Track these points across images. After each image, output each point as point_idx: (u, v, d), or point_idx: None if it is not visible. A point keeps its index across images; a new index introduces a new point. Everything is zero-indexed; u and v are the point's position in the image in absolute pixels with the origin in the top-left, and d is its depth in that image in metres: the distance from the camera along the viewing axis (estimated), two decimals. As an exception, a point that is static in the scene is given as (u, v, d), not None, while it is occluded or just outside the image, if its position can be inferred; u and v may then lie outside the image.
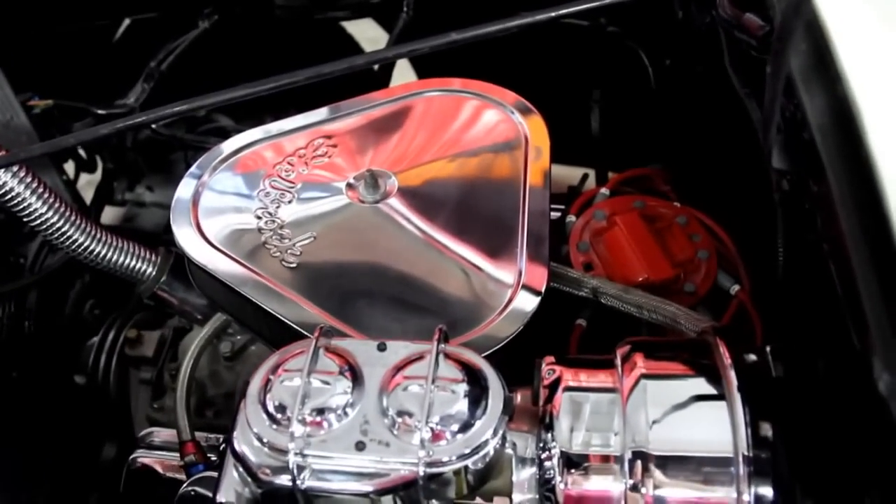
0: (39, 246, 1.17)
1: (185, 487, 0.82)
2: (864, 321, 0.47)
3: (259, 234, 0.86)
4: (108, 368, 1.09)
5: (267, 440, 0.60)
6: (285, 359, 0.63)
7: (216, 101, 0.75)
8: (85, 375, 1.11)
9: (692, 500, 0.58)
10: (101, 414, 1.11)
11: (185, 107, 0.74)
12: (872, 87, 0.51)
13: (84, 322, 1.21)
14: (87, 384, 1.11)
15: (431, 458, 0.57)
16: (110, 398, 1.10)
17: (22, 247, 1.15)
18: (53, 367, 1.13)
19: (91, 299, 1.23)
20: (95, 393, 1.10)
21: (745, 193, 0.87)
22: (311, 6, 1.27)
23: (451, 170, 0.91)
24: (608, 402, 0.62)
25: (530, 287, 0.79)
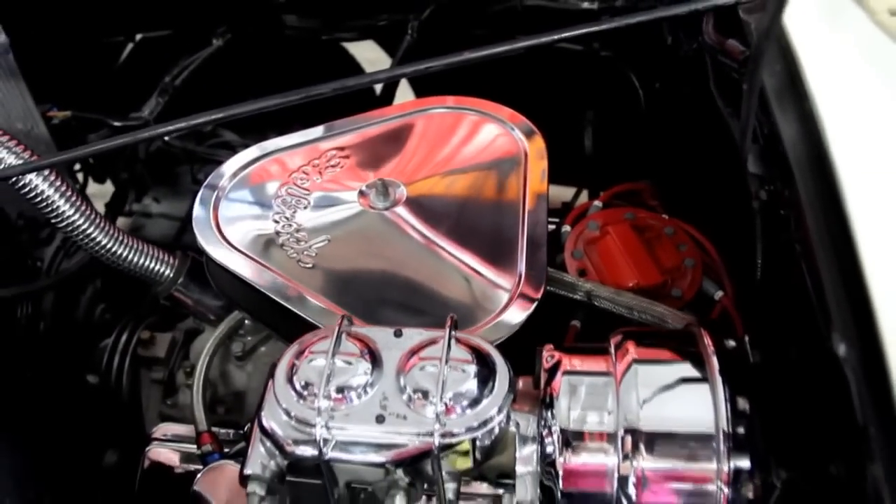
0: (55, 250, 1.24)
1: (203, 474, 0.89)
2: (826, 306, 0.56)
3: (277, 236, 0.94)
4: (121, 368, 1.16)
5: (295, 414, 0.67)
6: (310, 343, 0.71)
7: (224, 115, 0.81)
8: (98, 375, 1.17)
9: (678, 471, 0.66)
10: (113, 412, 1.17)
11: (194, 122, 0.81)
12: (835, 105, 0.60)
13: (95, 326, 1.27)
14: (99, 384, 1.18)
15: (445, 430, 0.65)
16: (122, 397, 1.16)
17: (39, 251, 1.22)
18: (66, 368, 1.19)
19: (102, 304, 1.30)
20: (107, 392, 1.17)
21: (727, 206, 0.95)
22: (320, 27, 1.36)
23: (455, 181, 0.99)
24: (603, 384, 0.70)
25: (529, 289, 0.87)
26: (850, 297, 0.52)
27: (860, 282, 0.52)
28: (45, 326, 1.20)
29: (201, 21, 1.34)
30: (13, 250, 1.17)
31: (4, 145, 0.95)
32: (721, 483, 0.65)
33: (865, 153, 0.57)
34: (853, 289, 0.52)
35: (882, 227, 0.52)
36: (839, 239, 0.55)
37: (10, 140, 0.96)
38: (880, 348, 0.49)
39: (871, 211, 0.53)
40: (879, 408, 0.51)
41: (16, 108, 1.21)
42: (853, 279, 0.52)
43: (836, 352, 0.51)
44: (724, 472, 0.65)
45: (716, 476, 0.65)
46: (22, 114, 1.22)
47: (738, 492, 0.65)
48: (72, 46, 1.34)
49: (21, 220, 1.20)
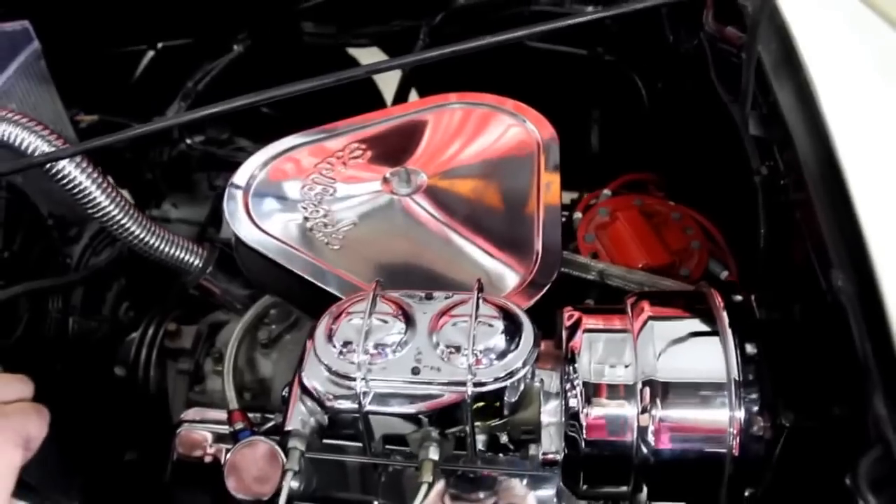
0: (83, 248, 1.30)
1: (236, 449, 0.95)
2: (826, 257, 0.62)
3: (305, 221, 1.01)
4: (148, 360, 1.22)
5: (335, 369, 0.74)
6: (348, 305, 0.78)
7: (229, 108, 0.86)
8: (125, 367, 1.24)
9: (693, 418, 0.73)
10: (140, 402, 1.23)
11: (201, 113, 0.87)
12: (826, 75, 0.68)
13: (120, 322, 1.34)
14: (126, 375, 1.24)
15: (476, 379, 0.72)
16: (149, 387, 1.22)
17: (68, 248, 1.28)
18: (94, 360, 1.25)
19: (126, 302, 1.36)
20: (134, 383, 1.23)
21: (730, 190, 1.03)
22: (336, 34, 1.45)
23: (473, 169, 1.07)
24: (621, 340, 0.76)
25: (546, 265, 0.94)
26: (846, 236, 0.59)
27: (854, 223, 0.58)
28: (74, 320, 1.26)
29: (222, 28, 1.42)
30: (44, 247, 1.23)
31: (38, 134, 1.02)
32: (733, 428, 0.71)
33: (855, 114, 0.64)
34: (848, 229, 0.59)
35: (871, 173, 0.60)
36: (834, 188, 0.62)
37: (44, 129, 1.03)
38: (874, 278, 0.55)
39: (862, 161, 0.61)
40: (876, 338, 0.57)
41: (47, 112, 1.28)
42: (848, 221, 0.59)
43: (835, 283, 0.58)
44: (735, 418, 0.71)
45: (728, 421, 0.72)
46: (52, 117, 1.29)
47: (749, 435, 0.71)
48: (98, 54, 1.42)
49: (51, 219, 1.27)
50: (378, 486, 0.95)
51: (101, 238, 1.32)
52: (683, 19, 1.14)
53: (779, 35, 0.72)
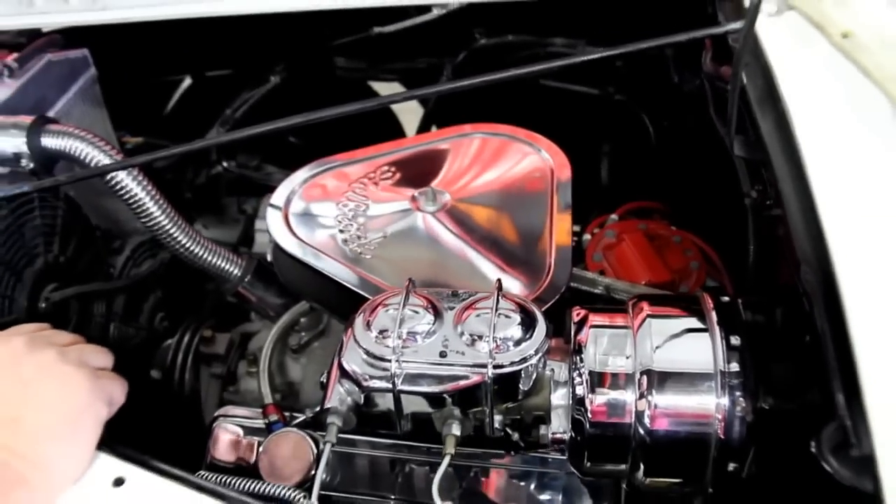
0: (125, 260, 1.44)
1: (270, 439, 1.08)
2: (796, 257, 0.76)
3: (340, 233, 1.15)
4: (184, 363, 1.35)
5: (372, 352, 0.87)
6: (384, 298, 0.91)
7: (262, 130, 1.00)
8: (161, 370, 1.37)
9: (684, 403, 0.85)
10: (174, 403, 1.35)
11: (225, 139, 1.01)
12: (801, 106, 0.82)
13: (155, 330, 1.47)
14: (162, 378, 1.37)
15: (495, 362, 0.85)
16: (184, 390, 1.35)
17: (111, 259, 1.42)
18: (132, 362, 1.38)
19: (161, 312, 1.49)
20: (170, 385, 1.35)
21: (727, 215, 1.17)
22: (366, 69, 1.61)
23: (492, 191, 1.21)
24: (622, 335, 0.89)
25: (557, 278, 1.07)
26: (811, 238, 0.72)
27: (818, 228, 0.72)
28: (115, 325, 1.40)
29: (261, 60, 1.59)
30: (92, 256, 1.37)
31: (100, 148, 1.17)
32: (719, 412, 0.84)
33: (824, 141, 0.78)
34: (814, 232, 0.73)
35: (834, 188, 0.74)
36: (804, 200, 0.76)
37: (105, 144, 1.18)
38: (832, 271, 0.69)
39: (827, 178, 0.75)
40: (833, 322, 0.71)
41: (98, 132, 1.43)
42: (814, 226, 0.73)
43: (803, 276, 0.72)
44: (721, 403, 0.84)
45: (715, 406, 0.84)
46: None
47: (733, 418, 0.84)
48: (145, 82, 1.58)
49: (98, 231, 1.42)
50: (395, 484, 1.09)
51: (142, 251, 1.46)
52: (687, 61, 1.29)
53: (763, 72, 0.87)
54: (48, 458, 0.77)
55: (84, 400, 0.81)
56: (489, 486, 1.08)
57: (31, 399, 0.79)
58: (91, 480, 0.79)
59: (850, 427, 0.65)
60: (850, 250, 0.70)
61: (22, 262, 1.21)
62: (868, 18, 0.87)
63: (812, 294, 0.72)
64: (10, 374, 0.80)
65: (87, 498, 0.78)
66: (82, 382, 0.82)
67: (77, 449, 0.80)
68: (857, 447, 0.65)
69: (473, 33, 1.59)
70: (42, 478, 0.76)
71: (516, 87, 1.63)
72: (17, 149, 1.17)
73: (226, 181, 1.68)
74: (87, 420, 0.81)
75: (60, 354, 0.84)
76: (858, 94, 0.81)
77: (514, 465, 1.05)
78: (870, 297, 0.68)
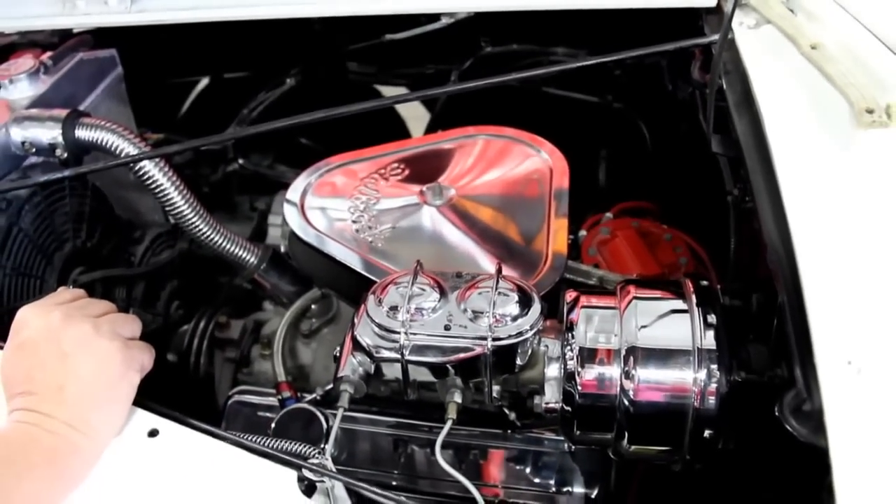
0: (145, 249, 1.56)
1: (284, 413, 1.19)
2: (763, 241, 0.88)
3: (352, 224, 1.27)
4: (199, 348, 1.47)
5: (383, 324, 0.99)
6: (395, 277, 1.03)
7: (275, 126, 1.12)
8: (177, 354, 1.48)
9: (664, 377, 0.96)
10: (189, 385, 1.47)
11: (239, 134, 1.13)
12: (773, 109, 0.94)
13: (171, 317, 1.59)
14: (178, 361, 1.48)
15: (494, 335, 0.96)
16: (199, 373, 1.46)
17: (132, 248, 1.54)
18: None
19: (177, 301, 1.61)
20: (185, 368, 1.47)
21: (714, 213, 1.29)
22: (377, 74, 1.73)
23: (495, 187, 1.33)
24: (611, 314, 1.00)
25: (554, 266, 1.19)
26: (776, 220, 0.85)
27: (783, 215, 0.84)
28: (134, 310, 1.51)
29: (277, 64, 1.71)
30: (115, 244, 1.49)
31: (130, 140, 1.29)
32: (696, 385, 0.95)
33: (790, 137, 0.91)
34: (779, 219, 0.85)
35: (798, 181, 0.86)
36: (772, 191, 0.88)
37: (135, 137, 1.31)
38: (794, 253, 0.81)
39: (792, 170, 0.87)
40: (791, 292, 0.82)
41: (123, 128, 1.56)
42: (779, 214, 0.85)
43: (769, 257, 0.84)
44: (698, 377, 0.95)
45: (692, 380, 0.95)
46: (127, 134, 1.57)
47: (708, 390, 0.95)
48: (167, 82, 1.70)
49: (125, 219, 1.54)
50: (398, 463, 1.20)
51: (161, 242, 1.58)
52: (680, 71, 1.42)
53: (741, 79, 0.99)
54: (92, 424, 0.87)
55: (118, 370, 0.92)
56: (487, 466, 1.20)
57: (72, 370, 0.89)
58: (129, 432, 0.90)
59: (803, 384, 0.77)
60: (808, 234, 0.82)
61: (52, 246, 1.34)
62: (836, 32, 0.99)
63: (775, 272, 0.84)
64: (51, 347, 0.90)
65: (126, 447, 0.89)
66: (115, 354, 0.93)
67: (114, 414, 0.91)
68: (808, 402, 0.77)
69: (480, 41, 1.72)
70: (88, 442, 0.86)
71: (521, 94, 1.76)
72: (53, 140, 1.29)
73: (239, 179, 1.80)
74: (122, 387, 0.92)
75: (95, 328, 0.94)
76: (823, 99, 0.93)
77: (512, 444, 1.17)
78: (823, 273, 0.80)
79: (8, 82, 1.37)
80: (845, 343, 0.76)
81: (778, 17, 1.02)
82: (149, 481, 0.85)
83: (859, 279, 0.80)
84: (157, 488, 0.84)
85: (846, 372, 0.74)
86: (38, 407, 0.85)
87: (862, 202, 0.84)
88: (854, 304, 0.78)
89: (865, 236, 0.82)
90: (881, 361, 0.75)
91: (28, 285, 1.28)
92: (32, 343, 0.90)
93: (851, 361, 0.75)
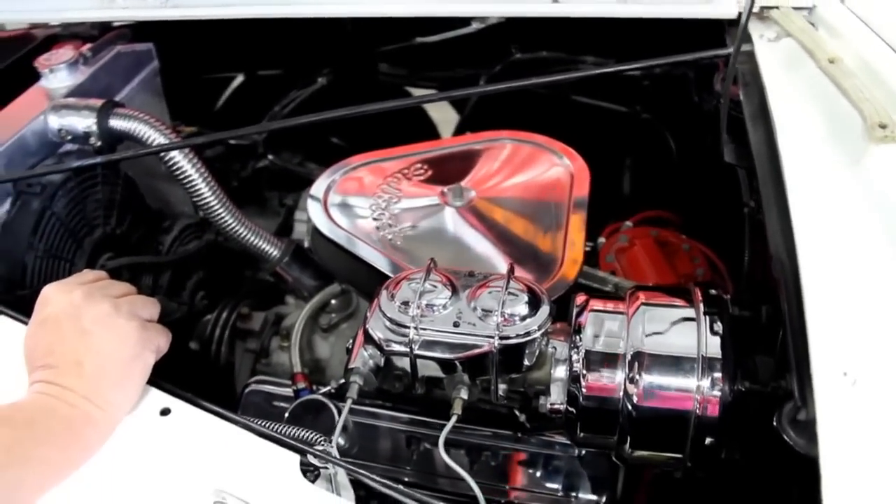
0: (173, 239, 1.60)
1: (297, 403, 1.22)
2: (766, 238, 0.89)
3: (374, 221, 1.30)
4: (221, 337, 1.51)
5: (394, 318, 1.01)
6: (408, 274, 1.06)
7: (302, 121, 1.15)
8: (200, 342, 1.52)
9: (667, 384, 0.98)
10: (209, 373, 1.51)
11: (264, 128, 1.17)
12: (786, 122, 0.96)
13: (195, 307, 1.63)
14: (199, 350, 1.52)
15: (502, 334, 0.99)
16: (220, 361, 1.50)
17: (161, 237, 1.59)
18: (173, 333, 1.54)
19: (202, 291, 1.65)
20: (206, 357, 1.51)
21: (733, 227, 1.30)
22: (407, 76, 1.77)
23: (515, 191, 1.35)
24: (618, 319, 1.02)
25: (568, 270, 1.21)
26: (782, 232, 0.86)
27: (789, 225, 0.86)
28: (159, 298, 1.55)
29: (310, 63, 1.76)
30: (144, 232, 1.54)
31: (161, 132, 1.34)
32: (698, 393, 0.96)
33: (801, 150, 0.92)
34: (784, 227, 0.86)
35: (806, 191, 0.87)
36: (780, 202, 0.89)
37: (166, 128, 1.35)
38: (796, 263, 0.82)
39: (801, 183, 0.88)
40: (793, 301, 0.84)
41: (157, 119, 1.61)
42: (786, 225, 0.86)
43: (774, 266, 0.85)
44: (701, 385, 0.97)
45: (695, 388, 0.97)
46: (161, 127, 1.62)
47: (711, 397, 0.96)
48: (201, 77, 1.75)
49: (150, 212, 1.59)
50: (411, 459, 1.23)
51: (189, 232, 1.62)
52: (706, 83, 1.43)
53: (758, 91, 1.01)
54: (107, 399, 0.91)
55: (134, 349, 0.96)
56: (496, 467, 1.22)
57: (90, 347, 0.93)
58: (142, 409, 0.94)
59: (798, 393, 0.78)
60: (813, 245, 0.83)
61: (83, 231, 1.39)
62: (856, 47, 1.00)
63: (779, 281, 0.85)
64: (72, 324, 0.95)
65: (139, 423, 0.93)
66: (132, 334, 0.97)
67: (129, 390, 0.95)
68: (803, 411, 0.78)
69: (510, 48, 1.75)
70: (103, 415, 0.91)
71: (550, 101, 1.78)
72: (88, 128, 1.34)
73: (270, 175, 1.84)
74: (137, 366, 0.96)
75: (114, 307, 0.98)
76: (837, 113, 0.94)
77: (521, 446, 1.19)
78: (825, 285, 0.81)
79: (48, 72, 1.43)
80: (843, 354, 0.77)
81: (798, 30, 1.04)
82: (157, 457, 0.88)
83: (862, 292, 0.81)
84: (165, 463, 0.88)
85: (841, 383, 0.75)
86: (57, 380, 0.89)
87: (868, 216, 0.85)
88: (854, 317, 0.79)
89: (870, 249, 0.83)
90: (878, 374, 0.76)
91: (58, 267, 1.33)
92: (54, 319, 0.95)
93: (847, 373, 0.76)
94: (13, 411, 0.86)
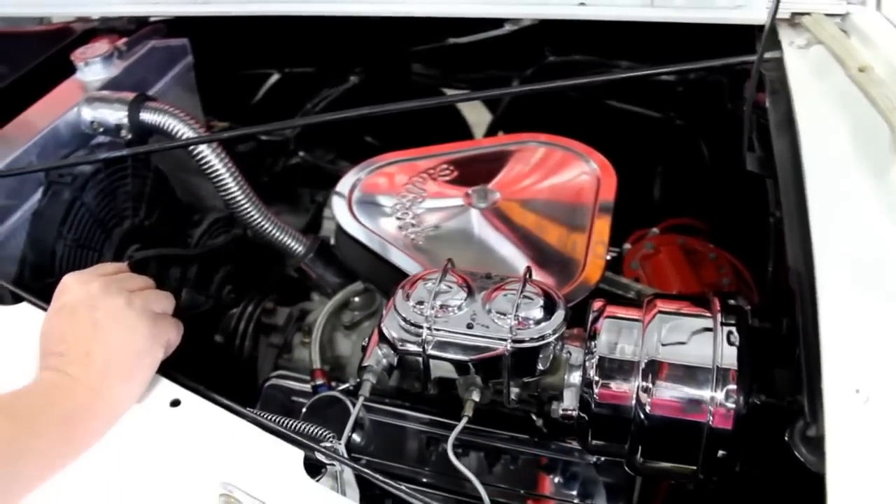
0: (202, 233, 1.62)
1: (315, 399, 1.23)
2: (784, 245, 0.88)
3: (397, 221, 1.31)
4: (245, 331, 1.52)
5: (408, 318, 1.01)
6: (424, 274, 1.06)
7: (330, 118, 1.17)
8: (224, 336, 1.54)
9: (681, 394, 0.97)
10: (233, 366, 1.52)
11: (286, 124, 1.18)
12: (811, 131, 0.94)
13: (222, 300, 1.65)
14: (224, 343, 1.54)
15: (515, 337, 0.98)
16: (243, 355, 1.52)
17: (190, 230, 1.61)
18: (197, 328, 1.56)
19: (229, 285, 1.67)
20: (230, 350, 1.53)
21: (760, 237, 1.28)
22: (440, 77, 1.77)
23: (540, 194, 1.35)
24: (634, 326, 1.01)
25: (590, 274, 1.20)
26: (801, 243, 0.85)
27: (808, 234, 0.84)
28: (186, 291, 1.58)
29: (342, 61, 1.77)
30: (173, 225, 1.56)
31: (191, 126, 1.36)
32: (712, 404, 0.95)
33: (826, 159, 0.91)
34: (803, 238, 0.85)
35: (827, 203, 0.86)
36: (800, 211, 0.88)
37: (196, 123, 1.37)
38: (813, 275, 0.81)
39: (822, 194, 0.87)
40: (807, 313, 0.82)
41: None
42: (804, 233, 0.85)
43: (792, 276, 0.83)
44: (715, 397, 0.95)
45: (709, 399, 0.95)
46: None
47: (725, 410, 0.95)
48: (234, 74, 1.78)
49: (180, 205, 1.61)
50: (429, 460, 1.23)
51: (218, 227, 1.64)
52: (739, 90, 1.41)
53: (785, 99, 0.99)
54: (112, 391, 0.93)
55: (143, 344, 0.97)
56: (512, 471, 1.21)
57: (100, 338, 0.95)
58: (152, 400, 0.96)
59: (808, 409, 0.77)
60: (831, 257, 0.82)
61: (112, 222, 1.41)
62: (888, 56, 0.98)
63: (795, 293, 0.84)
64: (86, 314, 0.96)
65: (148, 414, 0.94)
66: (142, 329, 0.98)
67: (134, 385, 0.96)
68: (813, 427, 0.77)
69: (543, 50, 1.74)
70: (105, 407, 0.92)
71: (583, 105, 1.77)
72: (119, 120, 1.37)
73: (302, 171, 1.86)
74: (145, 361, 0.97)
75: (128, 301, 0.99)
76: (864, 122, 0.92)
77: (537, 451, 1.18)
78: (841, 299, 0.79)
79: (84, 65, 1.46)
80: (856, 371, 0.75)
81: (829, 37, 1.02)
82: (165, 447, 0.89)
83: (879, 309, 0.79)
84: (173, 454, 0.89)
85: (853, 400, 0.74)
86: (65, 368, 0.91)
87: (890, 230, 0.83)
88: (870, 333, 0.78)
89: (889, 265, 0.81)
90: (892, 393, 0.74)
91: (86, 257, 1.35)
92: (70, 308, 0.96)
93: (860, 390, 0.74)
94: (15, 399, 0.87)
